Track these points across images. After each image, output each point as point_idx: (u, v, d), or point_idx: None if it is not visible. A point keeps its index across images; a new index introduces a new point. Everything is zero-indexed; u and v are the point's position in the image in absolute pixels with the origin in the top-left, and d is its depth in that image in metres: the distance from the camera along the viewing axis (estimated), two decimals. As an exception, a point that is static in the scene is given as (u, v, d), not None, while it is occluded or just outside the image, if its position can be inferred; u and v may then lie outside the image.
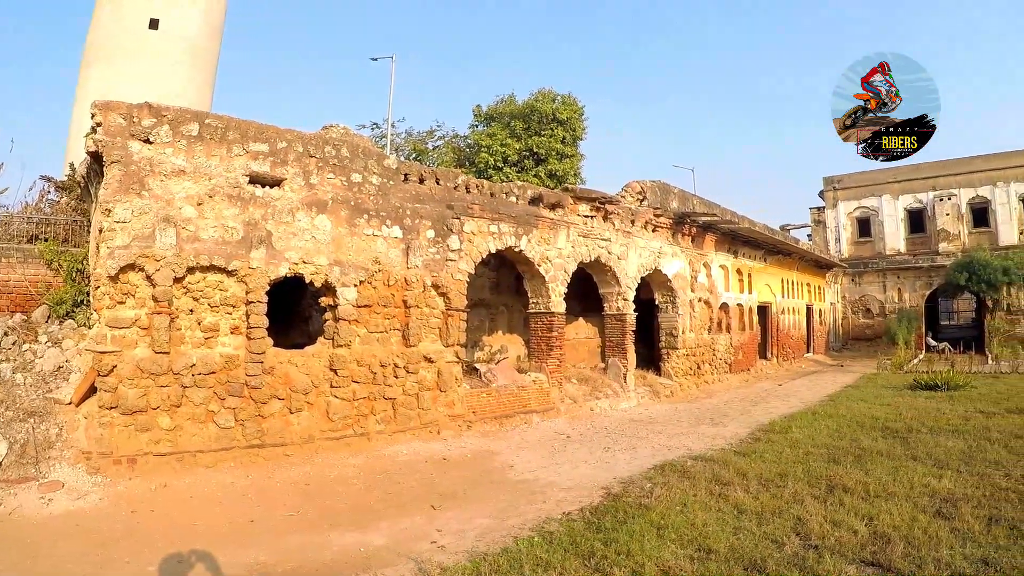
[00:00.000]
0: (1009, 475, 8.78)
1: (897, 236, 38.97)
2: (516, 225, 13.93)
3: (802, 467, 9.25)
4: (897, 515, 7.02)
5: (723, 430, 12.89)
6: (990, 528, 6.67)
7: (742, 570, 5.63)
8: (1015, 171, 36.07)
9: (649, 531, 6.50)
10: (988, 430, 11.99)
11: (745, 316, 24.98)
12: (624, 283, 17.25)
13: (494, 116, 30.44)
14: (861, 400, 16.91)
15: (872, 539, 6.38)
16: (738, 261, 24.59)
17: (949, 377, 19.04)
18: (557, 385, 14.69)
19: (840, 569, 5.64)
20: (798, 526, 6.73)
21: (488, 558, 5.88)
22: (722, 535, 6.39)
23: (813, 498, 7.71)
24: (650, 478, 8.83)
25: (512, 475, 9.44)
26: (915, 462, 9.61)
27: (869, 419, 13.54)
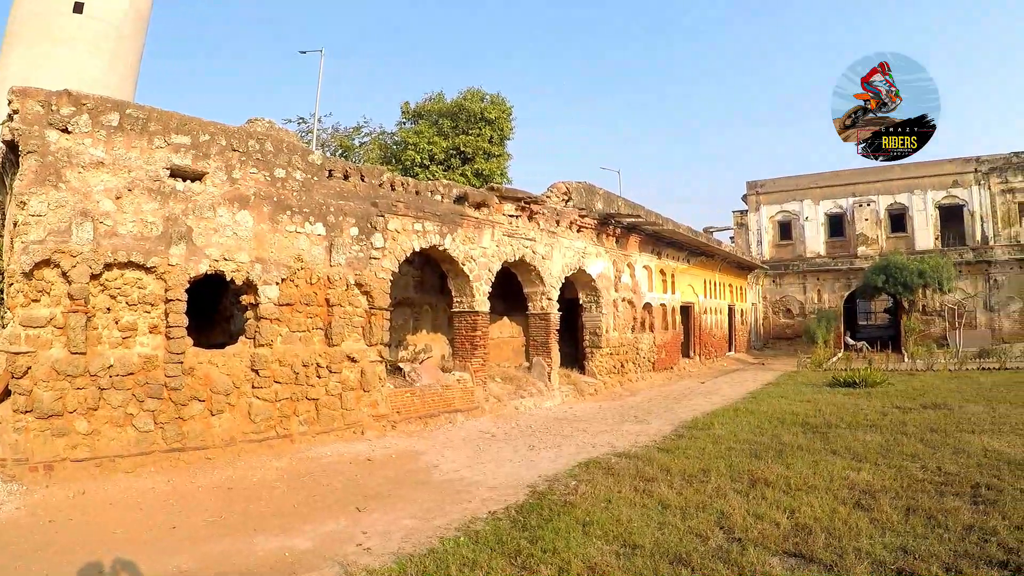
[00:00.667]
0: (925, 467, 9.39)
1: (817, 240, 41.34)
2: (441, 224, 14.20)
3: (724, 462, 9.66)
4: (818, 507, 7.38)
5: (647, 427, 13.33)
6: (908, 518, 7.10)
7: (667, 564, 5.81)
8: (932, 180, 38.88)
9: (575, 528, 6.70)
10: (904, 425, 12.80)
11: (668, 316, 25.89)
12: (548, 283, 17.73)
13: (422, 114, 30.87)
14: (782, 397, 17.72)
15: (794, 531, 6.69)
16: (662, 262, 25.48)
17: (867, 375, 20.26)
18: (481, 384, 15.05)
19: (763, 561, 5.89)
20: (721, 520, 7.01)
21: (414, 559, 5.97)
22: (647, 530, 6.63)
23: (736, 492, 8.05)
24: (575, 475, 9.10)
25: (437, 475, 9.58)
26: (834, 456, 10.16)
27: (789, 415, 14.22)
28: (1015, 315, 36.97)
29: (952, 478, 8.78)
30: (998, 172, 38.08)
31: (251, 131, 11.16)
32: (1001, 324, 37.00)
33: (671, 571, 5.67)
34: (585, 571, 5.65)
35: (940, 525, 6.86)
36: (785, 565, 5.87)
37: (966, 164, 38.63)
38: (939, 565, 5.76)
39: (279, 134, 11.81)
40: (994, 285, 37.28)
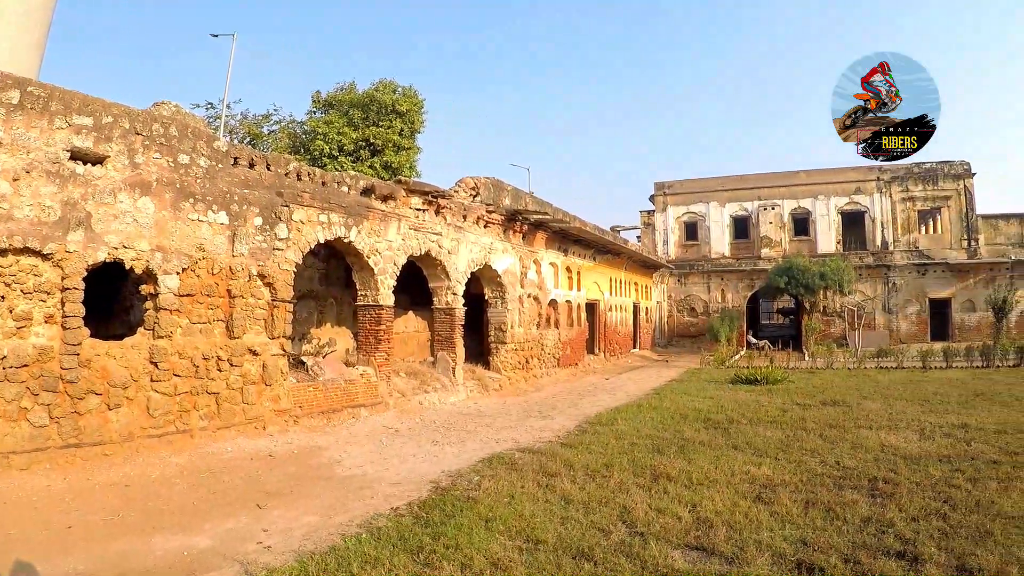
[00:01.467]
0: (824, 461, 10.03)
1: (723, 241, 43.65)
2: (347, 216, 14.40)
3: (627, 457, 10.07)
4: (719, 501, 7.75)
5: (551, 423, 13.83)
6: (807, 511, 7.50)
7: (570, 559, 6.03)
8: (836, 186, 41.92)
9: (477, 524, 6.89)
10: (804, 421, 13.65)
11: (574, 312, 26.77)
12: (454, 277, 18.17)
13: (333, 103, 31.11)
14: (685, 394, 18.56)
15: (696, 524, 7.00)
16: (568, 259, 26.29)
17: (768, 372, 21.60)
18: (385, 379, 15.35)
19: (665, 554, 6.14)
20: (624, 514, 7.29)
21: (315, 557, 6.08)
22: (550, 525, 6.87)
23: (638, 487, 8.41)
24: (478, 471, 9.37)
25: (340, 471, 9.72)
26: (736, 451, 10.71)
27: (692, 411, 14.95)
28: (912, 317, 40.33)
29: (850, 472, 9.37)
30: (899, 181, 41.42)
31: (156, 115, 11.13)
32: (899, 325, 40.27)
33: (574, 566, 5.89)
34: (487, 567, 5.83)
35: (839, 517, 7.30)
36: (687, 558, 6.14)
37: (869, 172, 41.64)
38: (838, 556, 6.14)
39: (185, 119, 11.79)
40: (893, 288, 40.50)
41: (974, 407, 15.80)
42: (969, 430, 12.65)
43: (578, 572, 5.77)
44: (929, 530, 6.89)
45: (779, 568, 5.92)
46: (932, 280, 40.58)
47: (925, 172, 41.21)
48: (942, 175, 41.13)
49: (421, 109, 31.92)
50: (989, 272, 39.83)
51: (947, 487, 8.57)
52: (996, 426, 12.99)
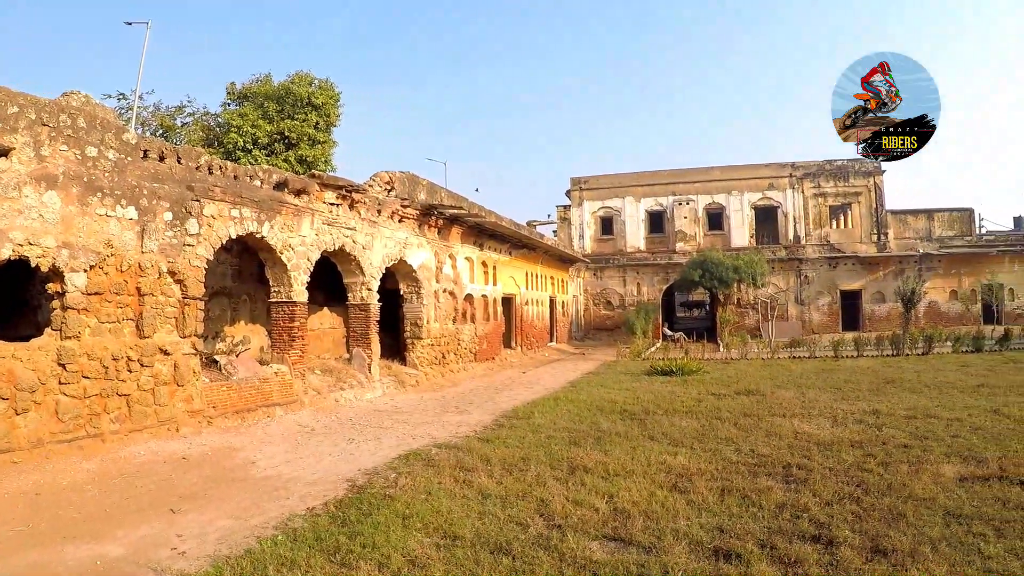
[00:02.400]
0: (739, 450, 10.50)
1: (638, 235, 45.06)
2: (259, 210, 14.47)
3: (544, 451, 10.36)
4: (636, 491, 8.00)
5: (468, 418, 14.15)
6: (723, 498, 7.83)
7: (488, 554, 6.14)
8: (749, 182, 43.89)
9: (394, 521, 6.99)
10: (719, 410, 14.31)
11: (490, 307, 27.25)
12: (369, 273, 18.39)
13: (248, 95, 30.99)
14: (601, 386, 19.14)
15: (613, 515, 7.22)
16: (484, 253, 26.75)
17: (683, 364, 22.46)
18: (300, 377, 15.48)
19: (583, 546, 6.31)
20: (541, 507, 7.46)
21: (231, 561, 6.06)
22: (467, 521, 7.01)
23: (555, 480, 8.64)
24: (395, 468, 9.51)
25: (255, 472, 9.72)
26: (652, 442, 11.12)
27: (608, 403, 15.44)
28: (824, 308, 42.61)
29: (765, 459, 9.83)
30: (811, 177, 43.74)
31: (64, 105, 10.98)
32: (811, 316, 42.48)
33: (492, 561, 6.00)
34: (405, 565, 5.92)
35: (754, 504, 7.63)
36: (605, 549, 6.32)
37: (782, 169, 44.04)
38: (754, 542, 6.42)
39: (95, 110, 11.63)
40: (805, 281, 42.68)
41: (885, 394, 16.80)
42: (880, 416, 13.42)
43: (496, 567, 5.88)
44: (843, 514, 7.29)
45: (696, 556, 6.14)
46: (843, 273, 43.07)
47: (837, 169, 43.67)
48: (853, 172, 43.57)
49: (337, 102, 32.04)
50: (898, 265, 42.56)
51: (860, 471, 9.08)
52: (906, 412, 13.83)
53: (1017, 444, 10.65)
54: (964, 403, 15.01)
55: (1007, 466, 9.13)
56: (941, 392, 17.02)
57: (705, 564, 5.96)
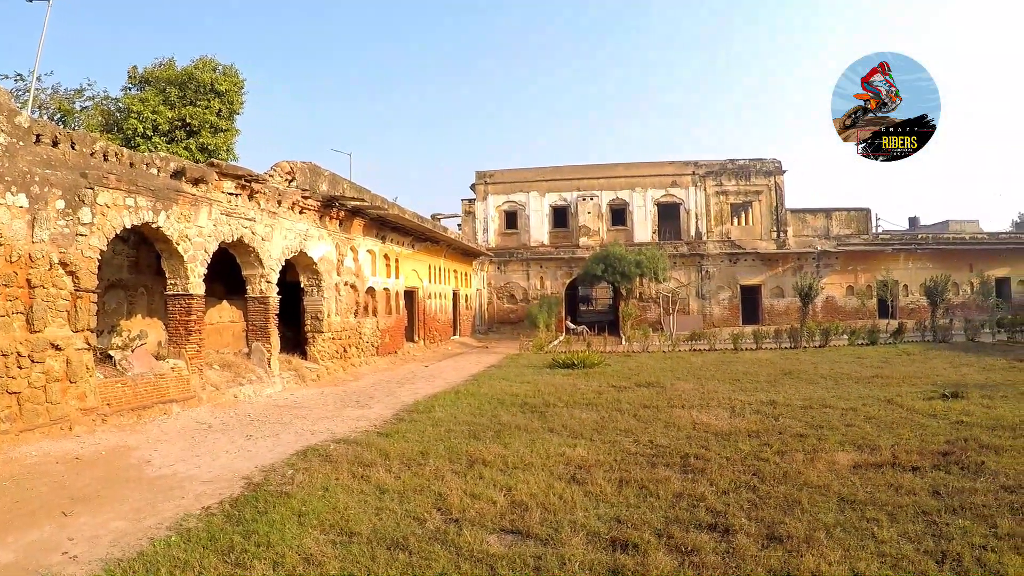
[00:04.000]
0: (638, 441, 10.92)
1: (542, 230, 46.10)
2: (155, 199, 14.30)
3: (444, 444, 10.59)
4: (534, 484, 8.22)
5: (368, 412, 14.29)
6: (621, 489, 8.10)
7: (385, 550, 6.23)
8: (653, 179, 45.60)
9: (290, 519, 7.05)
10: (619, 402, 14.86)
11: (392, 300, 27.47)
12: (268, 265, 18.40)
13: (150, 80, 30.32)
14: (503, 379, 19.57)
15: (511, 508, 7.39)
16: (386, 246, 26.91)
17: (585, 356, 23.28)
18: (198, 372, 15.39)
19: (480, 539, 6.46)
20: (439, 502, 7.62)
21: (123, 564, 6.01)
22: (364, 517, 7.10)
23: (454, 473, 8.83)
24: (292, 464, 9.54)
25: (150, 471, 9.59)
26: (552, 434, 11.48)
27: (509, 396, 15.85)
28: (724, 303, 44.66)
29: (663, 450, 10.23)
30: (714, 176, 45.78)
31: (-46, 88, 10.70)
32: (712, 311, 44.43)
33: (388, 557, 6.09)
34: (300, 563, 5.98)
35: (652, 494, 7.93)
36: (502, 542, 6.49)
37: (685, 167, 45.97)
38: (651, 532, 6.68)
39: (-14, 93, 11.37)
40: (706, 276, 44.59)
41: (782, 385, 17.74)
42: (777, 406, 14.20)
43: (393, 563, 5.96)
44: (739, 502, 7.67)
45: (594, 547, 6.36)
46: (743, 268, 45.17)
47: (739, 168, 45.87)
48: (754, 171, 45.89)
49: (241, 89, 31.76)
50: (797, 261, 45.04)
51: (756, 460, 9.57)
52: (802, 402, 14.68)
53: (909, 432, 11.42)
54: (859, 393, 15.95)
55: (899, 454, 9.79)
56: (837, 383, 18.05)
57: (602, 555, 6.18)
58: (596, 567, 5.93)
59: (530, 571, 5.86)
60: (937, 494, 7.99)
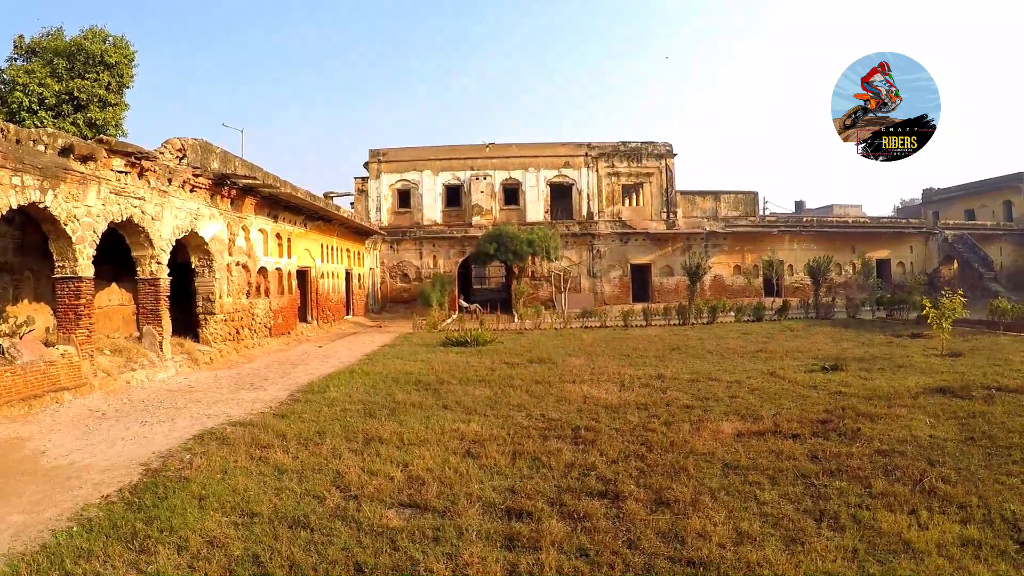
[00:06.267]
0: (530, 415, 11.41)
1: (435, 208, 46.37)
2: (42, 178, 13.84)
3: (340, 423, 10.81)
4: (430, 459, 8.56)
5: (263, 394, 14.30)
6: (515, 462, 8.50)
7: (286, 529, 6.39)
8: (546, 160, 46.53)
9: (191, 503, 7.11)
10: (512, 379, 15.39)
11: (285, 280, 27.27)
12: (158, 245, 18.03)
13: (36, 51, 28.90)
14: (397, 358, 19.86)
15: (408, 483, 7.67)
16: (278, 225, 26.63)
17: (478, 334, 23.87)
18: (88, 358, 15.00)
19: (379, 514, 6.70)
20: (337, 479, 7.84)
21: (26, 558, 5.92)
22: (264, 497, 7.23)
23: (351, 451, 9.07)
24: (189, 449, 9.55)
25: (45, 462, 9.40)
26: (446, 411, 11.84)
27: (403, 375, 16.12)
28: (615, 281, 46.11)
29: (555, 423, 10.72)
30: (606, 158, 47.11)
31: None
32: (603, 289, 45.78)
33: (290, 535, 6.25)
34: (204, 546, 6.06)
35: (545, 465, 8.36)
36: (401, 516, 6.74)
37: (578, 149, 47.07)
38: (545, 501, 7.07)
39: None
40: (597, 255, 45.78)
41: (670, 360, 18.66)
42: (665, 380, 15.03)
43: (295, 541, 6.13)
44: (628, 470, 8.14)
45: (490, 517, 6.72)
46: (634, 248, 46.72)
47: (630, 151, 47.31)
48: (646, 154, 47.45)
49: (132, 62, 30.60)
50: (686, 241, 47.05)
51: (644, 431, 10.15)
52: (689, 376, 15.57)
53: (790, 402, 12.39)
54: (744, 367, 16.98)
55: (781, 422, 10.63)
56: (723, 357, 19.13)
57: (498, 524, 6.53)
58: (492, 535, 6.25)
59: (429, 542, 6.12)
60: (816, 459, 8.70)
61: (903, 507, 6.92)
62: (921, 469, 8.19)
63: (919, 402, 12.28)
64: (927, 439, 9.63)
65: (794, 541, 6.14)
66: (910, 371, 16.11)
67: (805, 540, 6.14)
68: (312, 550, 5.96)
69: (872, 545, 6.07)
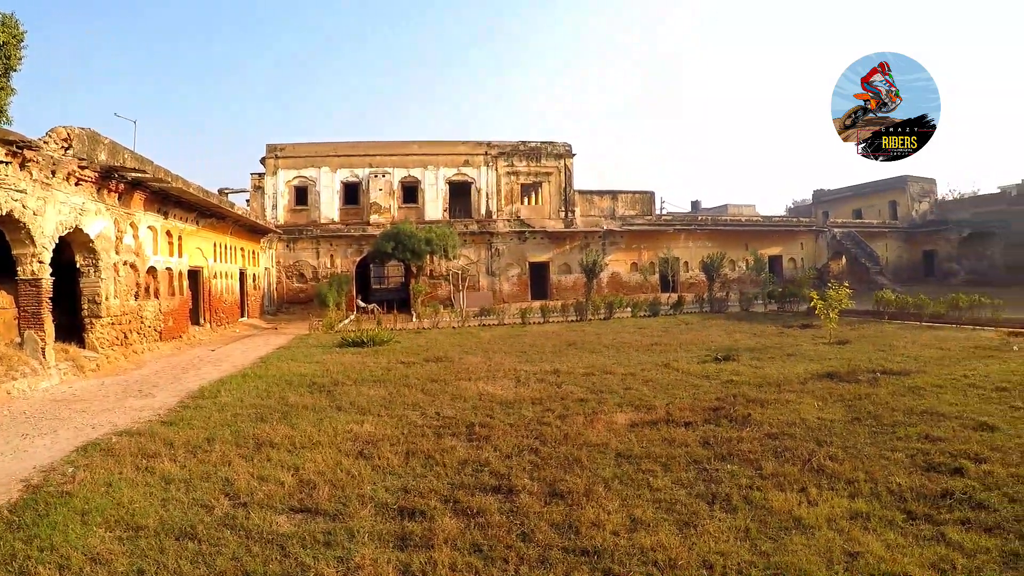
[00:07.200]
0: (425, 413, 11.50)
1: (332, 206, 45.93)
2: (-87, 171, 13.19)
3: (230, 429, 10.56)
4: (322, 462, 8.52)
5: (152, 401, 13.76)
6: (408, 461, 8.57)
7: (173, 541, 6.22)
8: (446, 158, 46.74)
9: (73, 519, 6.81)
10: (407, 378, 15.42)
11: (176, 281, 26.36)
12: (40, 243, 17.18)
13: None
14: (291, 360, 19.59)
15: (299, 487, 7.62)
16: (169, 222, 25.82)
17: (375, 334, 23.88)
18: (-37, 366, 14.32)
19: (270, 520, 6.63)
20: (227, 487, 7.69)
21: None
22: (151, 509, 7.01)
23: (241, 457, 8.92)
24: (72, 462, 9.14)
25: None
26: (340, 412, 11.78)
27: (297, 377, 15.97)
28: (514, 279, 46.72)
29: (450, 421, 10.83)
30: (506, 157, 47.70)
31: None
32: (502, 287, 46.37)
33: (178, 547, 6.09)
34: (87, 563, 5.84)
35: (438, 463, 8.43)
36: (292, 521, 6.68)
37: (478, 147, 47.51)
38: (438, 499, 7.13)
39: None
40: (496, 253, 46.29)
41: (566, 355, 19.11)
42: (560, 375, 15.37)
43: (183, 553, 5.97)
44: (522, 464, 8.30)
45: (382, 517, 6.71)
46: (532, 246, 47.39)
47: (530, 150, 48.10)
48: (545, 153, 48.35)
49: (20, 42, 28.63)
50: (584, 239, 48.16)
51: (539, 425, 10.37)
52: (585, 370, 15.95)
53: (683, 392, 12.91)
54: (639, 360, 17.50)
55: (673, 411, 11.05)
56: (619, 351, 19.66)
57: (391, 524, 6.53)
58: (385, 536, 6.26)
59: (320, 546, 6.07)
60: (707, 444, 9.08)
61: (793, 486, 7.29)
62: (810, 449, 8.64)
63: (807, 387, 12.99)
64: (815, 421, 10.19)
65: (687, 525, 6.35)
66: (799, 359, 16.95)
67: (698, 523, 6.37)
68: (200, 561, 5.85)
69: (764, 524, 6.33)
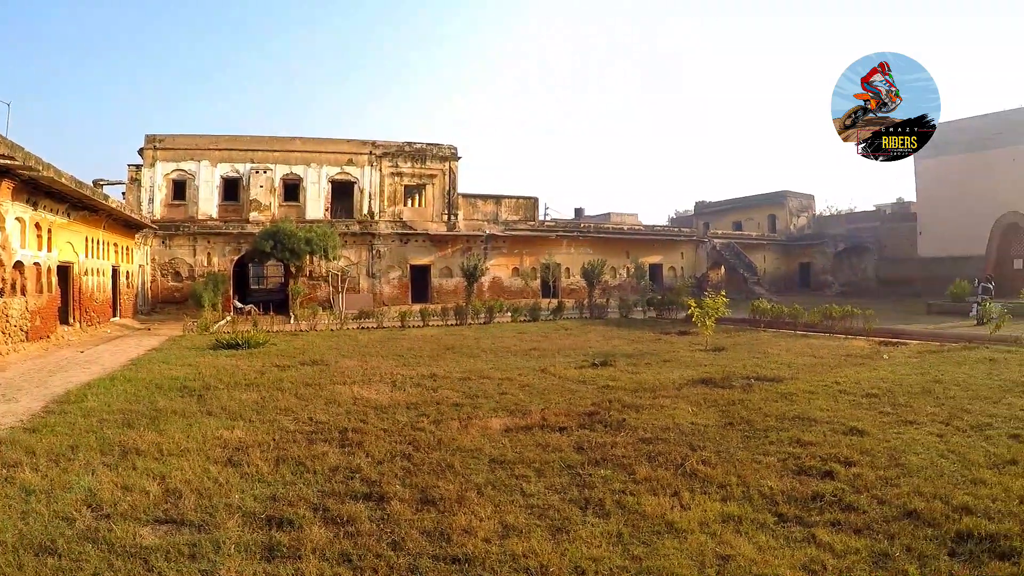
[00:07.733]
0: (297, 419, 11.37)
1: (211, 202, 44.65)
2: None
3: (95, 436, 10.14)
4: (189, 470, 8.27)
5: (15, 406, 13.02)
6: (278, 468, 8.42)
7: (32, 557, 5.90)
8: (329, 156, 46.38)
9: None
10: (281, 381, 15.33)
11: (44, 277, 25.19)
12: (-102, 236, 16.43)
13: None
14: (163, 362, 19.11)
15: (164, 497, 7.38)
16: (38, 214, 24.73)
17: (250, 336, 23.55)
18: None
19: (133, 533, 6.39)
20: (89, 498, 7.36)
21: None
22: (9, 523, 6.63)
23: (105, 466, 8.55)
24: None
25: None
26: (210, 417, 11.52)
27: (168, 380, 15.56)
28: (395, 281, 46.71)
29: (322, 426, 10.77)
30: (390, 157, 47.66)
31: None
32: (382, 289, 46.28)
33: (37, 563, 5.78)
34: None
35: (308, 470, 8.35)
36: (156, 533, 6.45)
37: (362, 146, 47.29)
38: (307, 507, 7.03)
39: None
40: (377, 255, 46.25)
41: (444, 359, 19.38)
42: (437, 379, 15.58)
43: (41, 570, 5.69)
44: (394, 470, 8.31)
45: (249, 527, 6.56)
46: (414, 249, 47.56)
47: (415, 152, 48.25)
48: (430, 156, 48.58)
49: None
50: (466, 243, 48.63)
51: (412, 430, 10.46)
52: (462, 374, 16.21)
53: (558, 397, 13.27)
54: (516, 364, 17.90)
55: (548, 416, 11.34)
56: (497, 356, 20.05)
57: (258, 534, 6.40)
58: (251, 547, 6.15)
59: (184, 559, 5.91)
60: (581, 449, 9.36)
61: (666, 490, 7.53)
62: (683, 454, 9.03)
63: (682, 392, 13.54)
64: (689, 426, 10.65)
65: (560, 530, 6.49)
66: (676, 365, 17.60)
67: (570, 528, 6.51)
68: (60, 578, 5.70)
69: (636, 528, 6.52)
